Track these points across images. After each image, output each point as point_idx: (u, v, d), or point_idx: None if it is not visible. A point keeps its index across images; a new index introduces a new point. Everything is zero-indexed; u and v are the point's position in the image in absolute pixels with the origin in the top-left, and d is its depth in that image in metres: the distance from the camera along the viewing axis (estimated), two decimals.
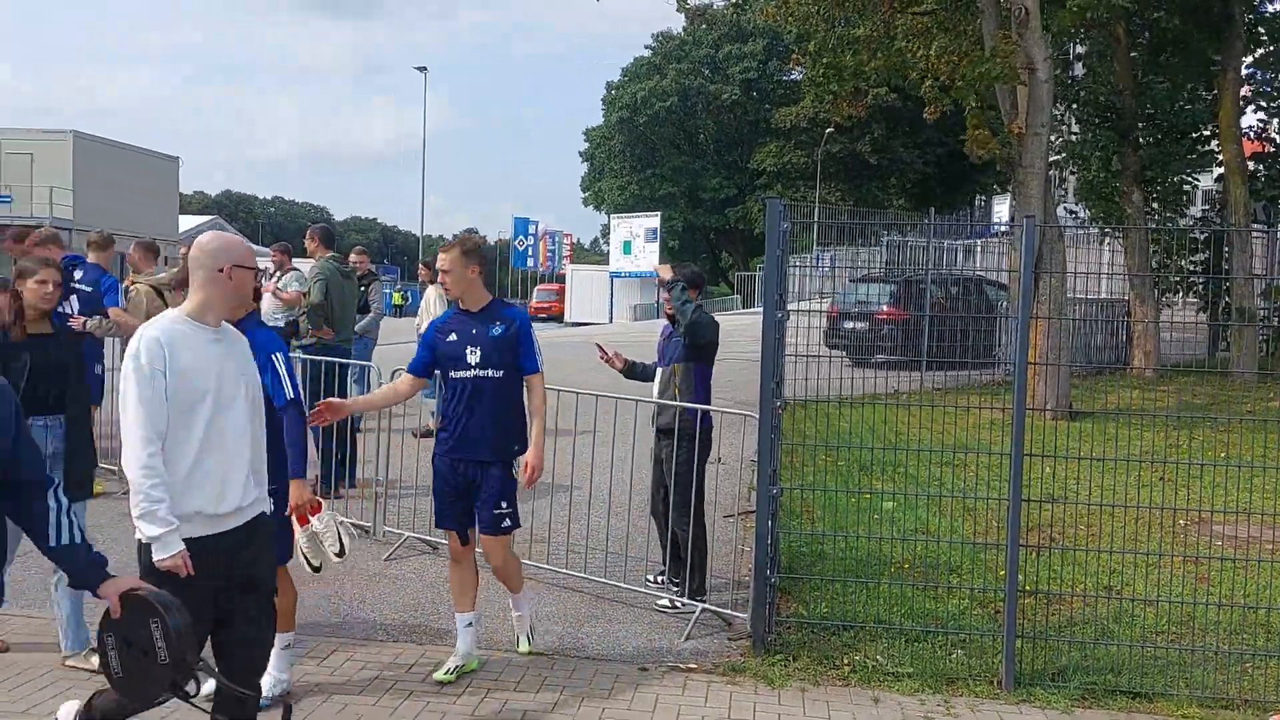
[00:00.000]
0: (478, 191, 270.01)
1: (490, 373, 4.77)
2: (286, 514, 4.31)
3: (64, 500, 3.08)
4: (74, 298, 7.79)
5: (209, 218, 63.56)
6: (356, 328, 10.51)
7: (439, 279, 4.82)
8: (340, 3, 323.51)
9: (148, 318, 7.93)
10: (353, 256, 11.20)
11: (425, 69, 50.39)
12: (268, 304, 12.21)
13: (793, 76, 44.49)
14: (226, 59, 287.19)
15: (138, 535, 3.21)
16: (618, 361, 6.05)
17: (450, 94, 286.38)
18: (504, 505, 4.83)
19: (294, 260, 12.76)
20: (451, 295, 4.92)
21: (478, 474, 4.80)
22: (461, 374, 4.78)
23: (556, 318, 50.22)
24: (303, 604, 5.24)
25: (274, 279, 12.23)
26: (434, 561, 6.59)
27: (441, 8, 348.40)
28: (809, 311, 6.38)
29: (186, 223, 52.10)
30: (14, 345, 4.47)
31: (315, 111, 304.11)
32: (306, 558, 4.49)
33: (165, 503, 3.16)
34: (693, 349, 5.81)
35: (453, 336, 4.82)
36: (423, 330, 11.39)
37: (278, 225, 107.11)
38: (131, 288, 8.35)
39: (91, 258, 8.17)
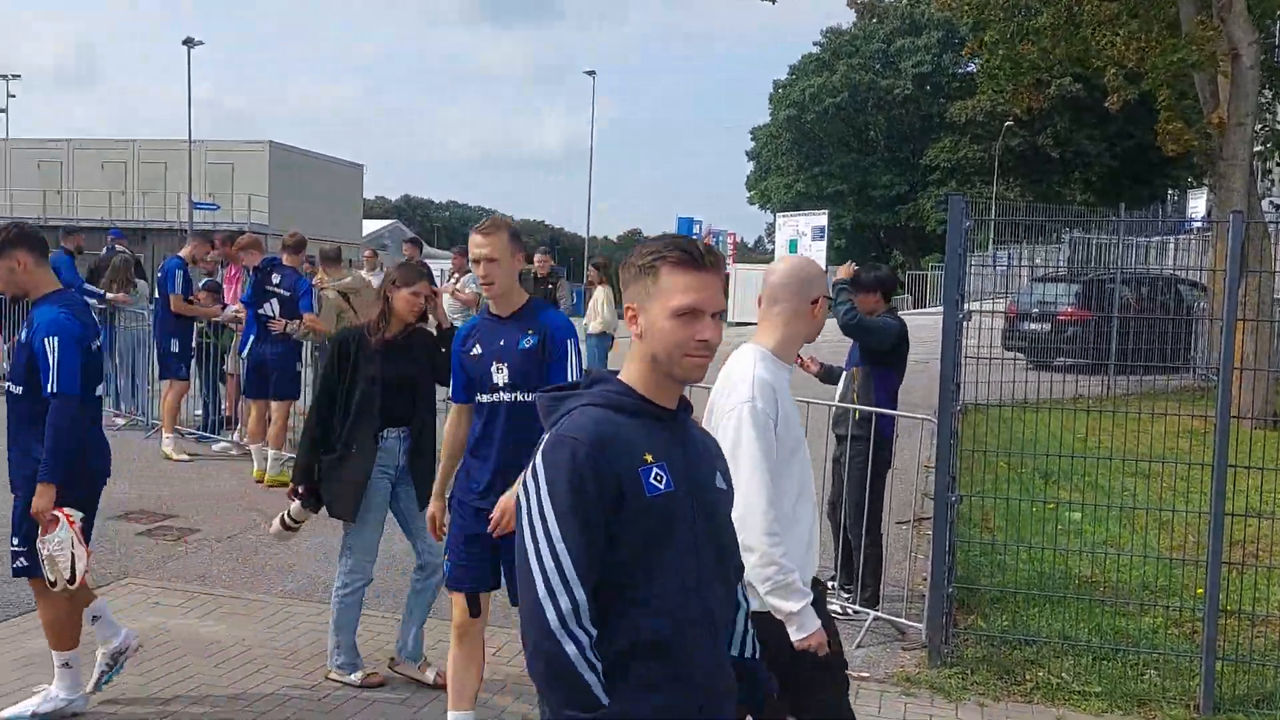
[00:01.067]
0: (642, 192, 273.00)
1: (521, 397, 3.63)
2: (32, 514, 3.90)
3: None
4: (274, 300, 8.34)
5: (389, 222, 66.71)
6: None
7: (476, 270, 3.71)
8: (513, 11, 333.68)
9: (338, 322, 8.43)
10: (536, 258, 11.54)
11: (594, 73, 51.22)
12: (447, 304, 12.76)
13: (968, 69, 43.01)
14: (406, 69, 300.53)
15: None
16: (812, 365, 5.95)
17: (619, 96, 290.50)
18: None
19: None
20: (497, 292, 3.75)
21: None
22: (488, 397, 3.74)
23: None
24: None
25: (453, 280, 12.75)
26: None
27: (612, 12, 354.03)
28: (990, 312, 6.16)
29: (369, 227, 54.90)
30: (372, 352, 4.38)
31: (489, 117, 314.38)
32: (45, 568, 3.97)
33: (796, 571, 2.76)
34: (872, 354, 5.68)
35: (476, 349, 3.75)
36: (591, 330, 11.71)
37: (452, 228, 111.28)
38: (321, 293, 8.83)
39: (285, 260, 8.70)
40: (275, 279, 8.38)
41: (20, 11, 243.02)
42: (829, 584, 6.02)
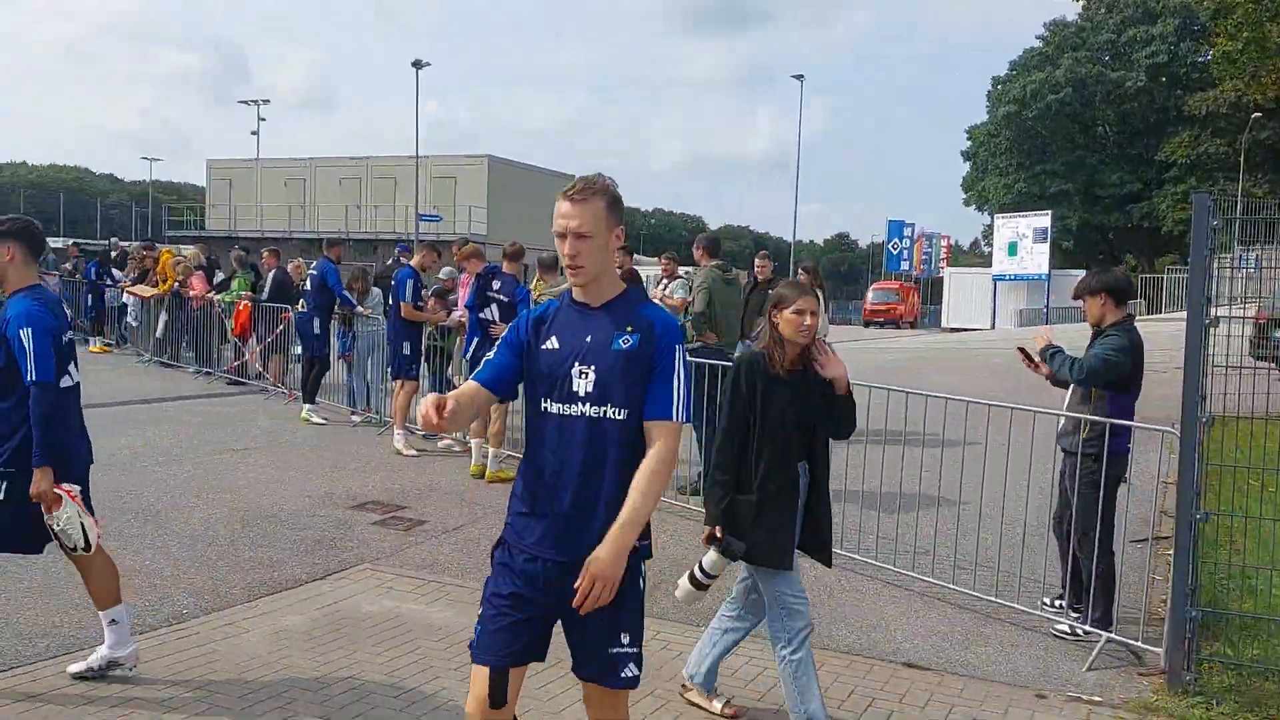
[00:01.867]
0: (851, 195, 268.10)
1: (610, 411, 2.81)
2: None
3: None
4: (494, 306, 8.76)
5: None
6: (757, 332, 10.86)
7: (561, 247, 2.86)
8: (721, 19, 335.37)
9: None
10: (757, 262, 11.55)
11: (802, 77, 50.82)
12: None
13: (1208, 58, 39.82)
14: (618, 80, 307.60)
15: None
16: (1044, 368, 5.70)
17: (827, 99, 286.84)
18: (624, 640, 2.88)
19: (681, 268, 13.41)
20: (587, 276, 2.86)
21: (572, 583, 2.75)
22: (562, 407, 2.84)
23: (894, 322, 46.90)
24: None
25: (661, 286, 12.94)
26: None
27: (821, 16, 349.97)
28: (1238, 318, 5.68)
29: None
30: (773, 379, 4.04)
31: (695, 124, 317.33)
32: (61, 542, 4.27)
33: None
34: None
35: (553, 342, 2.89)
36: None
37: (657, 235, 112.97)
38: (539, 298, 9.19)
39: (505, 268, 9.11)
40: (495, 285, 8.81)
41: (270, 43, 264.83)
42: (1056, 603, 5.73)
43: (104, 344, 17.86)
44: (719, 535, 4.02)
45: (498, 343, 2.97)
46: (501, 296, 8.77)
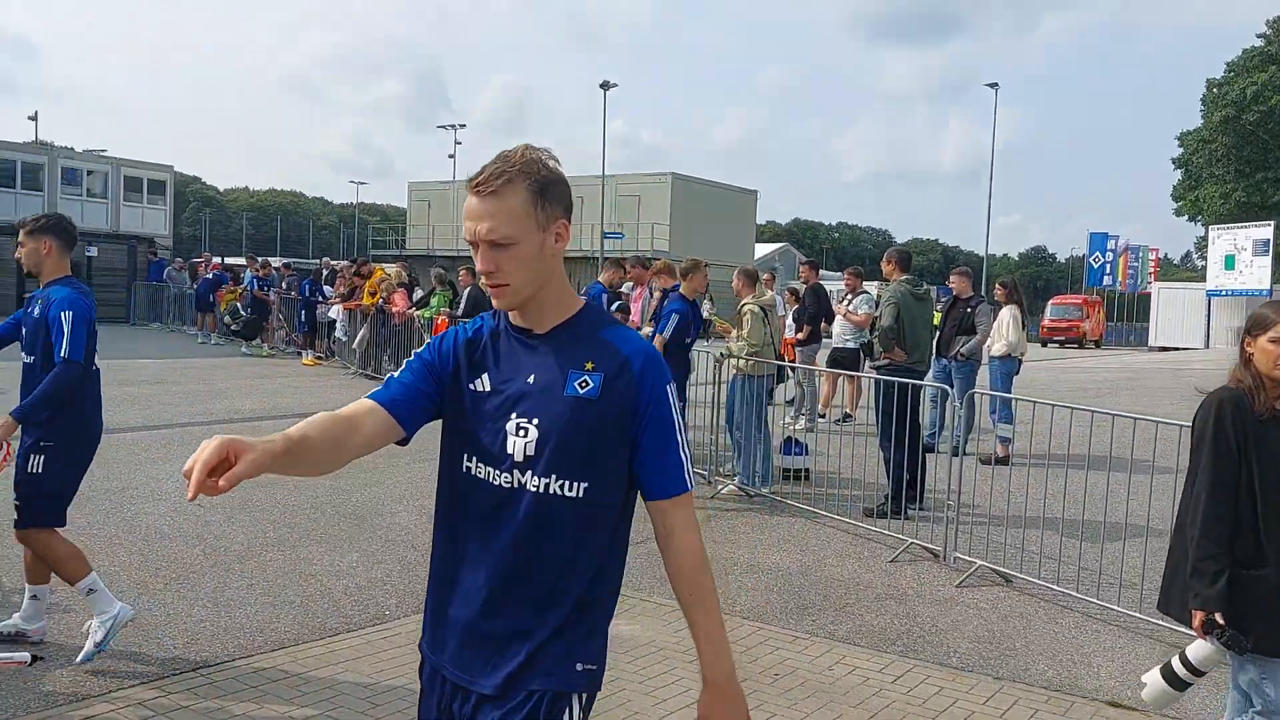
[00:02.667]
0: (1049, 207, 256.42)
1: (560, 485, 1.96)
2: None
3: None
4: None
5: (779, 245, 68.04)
6: (963, 349, 10.57)
7: (475, 258, 2.00)
8: (912, 29, 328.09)
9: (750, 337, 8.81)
10: (952, 278, 11.26)
11: (996, 85, 49.12)
12: (838, 325, 12.80)
13: None
14: (801, 93, 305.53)
15: None
16: None
17: (1022, 108, 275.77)
18: None
19: (865, 283, 13.19)
20: (512, 299, 2.02)
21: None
22: (489, 474, 1.99)
23: (1077, 340, 42.76)
24: (881, 623, 5.39)
25: (845, 301, 12.75)
26: (1007, 594, 6.35)
27: (1019, 23, 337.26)
28: None
29: (760, 251, 56.34)
30: (1261, 424, 3.30)
31: (883, 136, 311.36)
32: None
33: None
34: None
35: (483, 381, 2.02)
36: (995, 352, 11.17)
37: (842, 250, 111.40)
38: (745, 308, 9.26)
39: (684, 286, 9.22)
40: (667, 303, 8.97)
41: (468, 69, 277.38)
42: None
43: (315, 357, 19.11)
44: (1220, 623, 3.27)
45: (407, 360, 2.10)
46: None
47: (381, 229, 59.95)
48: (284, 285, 21.90)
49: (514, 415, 1.98)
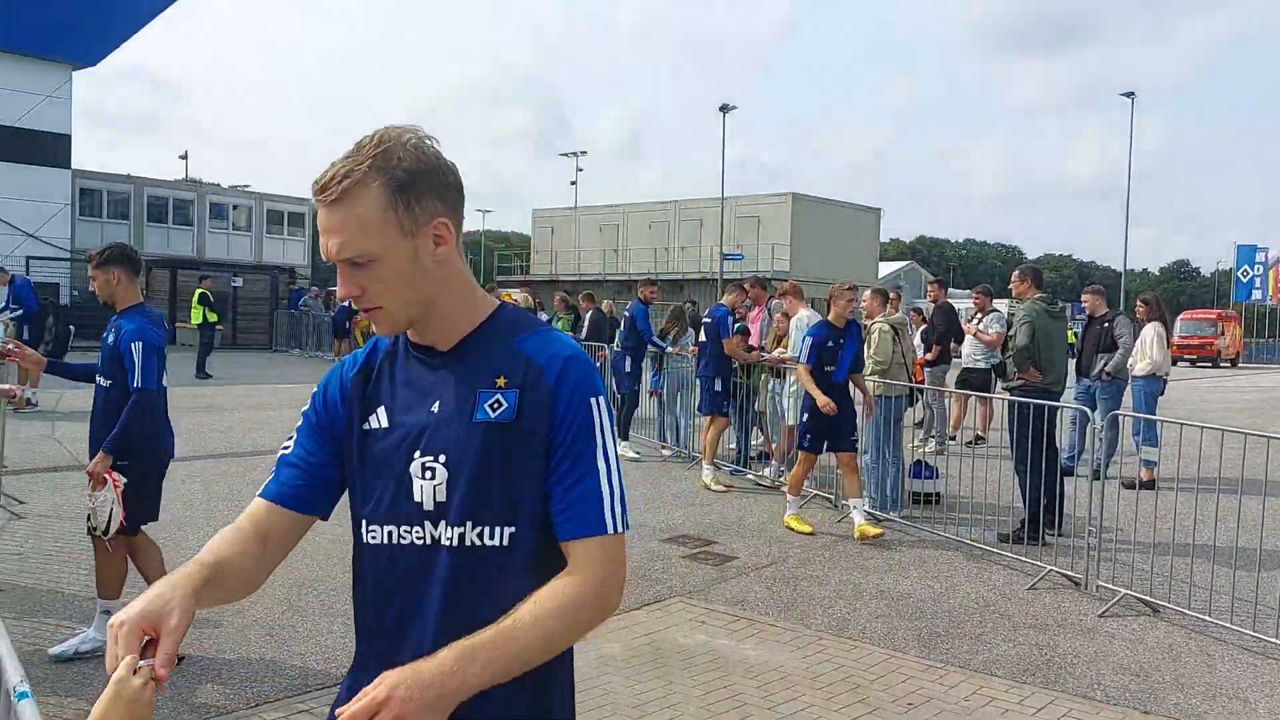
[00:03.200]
0: (1191, 219, 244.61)
1: (480, 534, 1.59)
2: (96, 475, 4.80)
3: None
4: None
5: (904, 264, 66.81)
6: (1108, 367, 10.23)
7: (340, 280, 1.63)
8: (1042, 37, 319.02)
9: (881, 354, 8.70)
10: (1086, 297, 10.95)
11: (1132, 94, 47.16)
12: (968, 345, 12.46)
13: None
14: (926, 108, 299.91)
15: None
16: None
17: (1161, 117, 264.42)
18: None
19: (994, 300, 12.83)
20: (390, 324, 1.65)
21: None
22: (395, 532, 1.63)
23: (1211, 360, 39.08)
24: (1020, 653, 5.19)
25: (975, 320, 12.42)
26: (1154, 625, 6.04)
27: (1157, 27, 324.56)
28: None
29: (884, 269, 55.43)
30: None
31: (1011, 150, 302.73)
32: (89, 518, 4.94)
33: None
34: None
35: (379, 416, 1.68)
36: (1138, 372, 10.69)
37: (969, 267, 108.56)
38: (875, 326, 9.15)
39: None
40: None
41: (590, 97, 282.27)
42: None
43: None
44: None
45: (296, 425, 1.76)
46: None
47: (506, 255, 61.32)
48: None
49: (418, 454, 1.60)
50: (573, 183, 63.94)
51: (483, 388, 1.61)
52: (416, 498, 1.60)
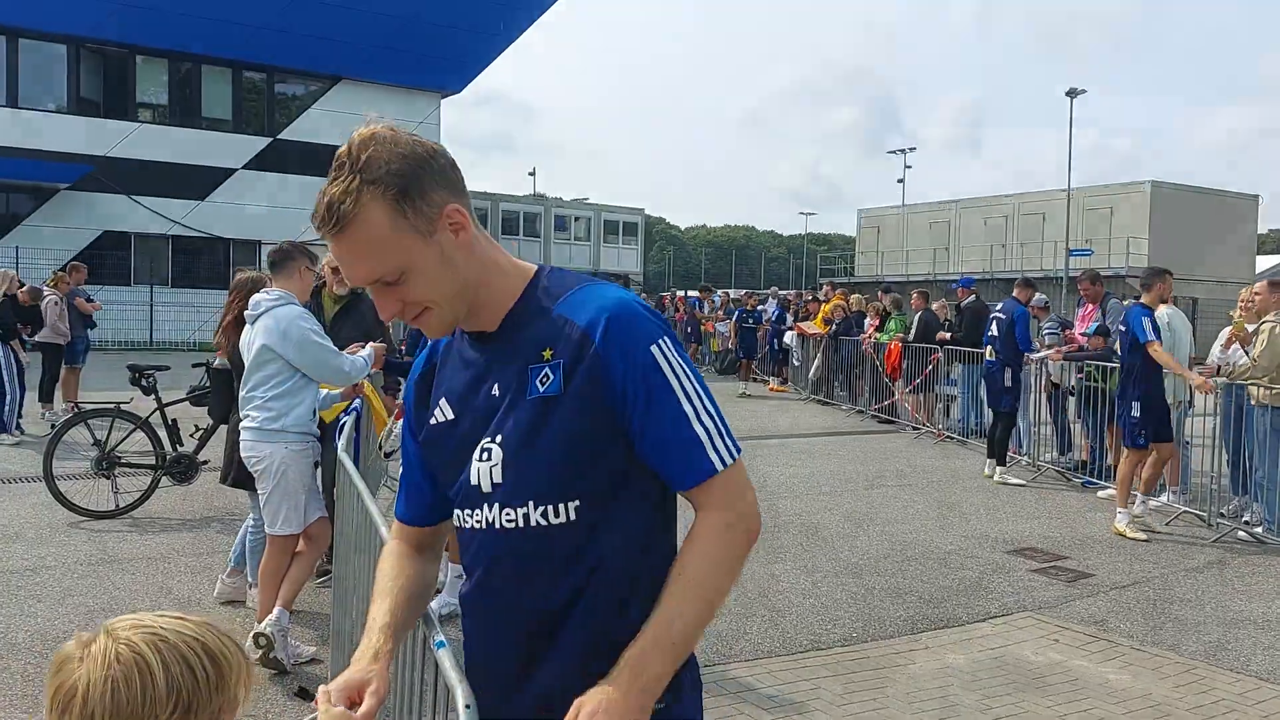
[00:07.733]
0: None
1: (542, 513, 1.56)
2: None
3: None
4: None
5: None
6: None
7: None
8: None
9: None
10: None
11: None
12: None
13: None
14: None
15: None
16: None
17: None
18: None
19: None
20: (441, 326, 1.65)
21: None
22: (466, 516, 1.65)
23: None
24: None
25: None
26: None
27: None
28: None
29: (1263, 263, 49.22)
30: None
31: None
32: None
33: None
34: None
35: (444, 409, 1.68)
36: None
37: None
38: (1266, 326, 8.15)
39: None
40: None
41: (921, 89, 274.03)
42: None
43: (779, 383, 19.91)
44: None
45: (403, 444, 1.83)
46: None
47: (830, 257, 60.77)
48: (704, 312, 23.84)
49: (483, 439, 1.61)
50: (900, 180, 62.27)
51: (532, 363, 1.57)
52: (474, 480, 1.61)
